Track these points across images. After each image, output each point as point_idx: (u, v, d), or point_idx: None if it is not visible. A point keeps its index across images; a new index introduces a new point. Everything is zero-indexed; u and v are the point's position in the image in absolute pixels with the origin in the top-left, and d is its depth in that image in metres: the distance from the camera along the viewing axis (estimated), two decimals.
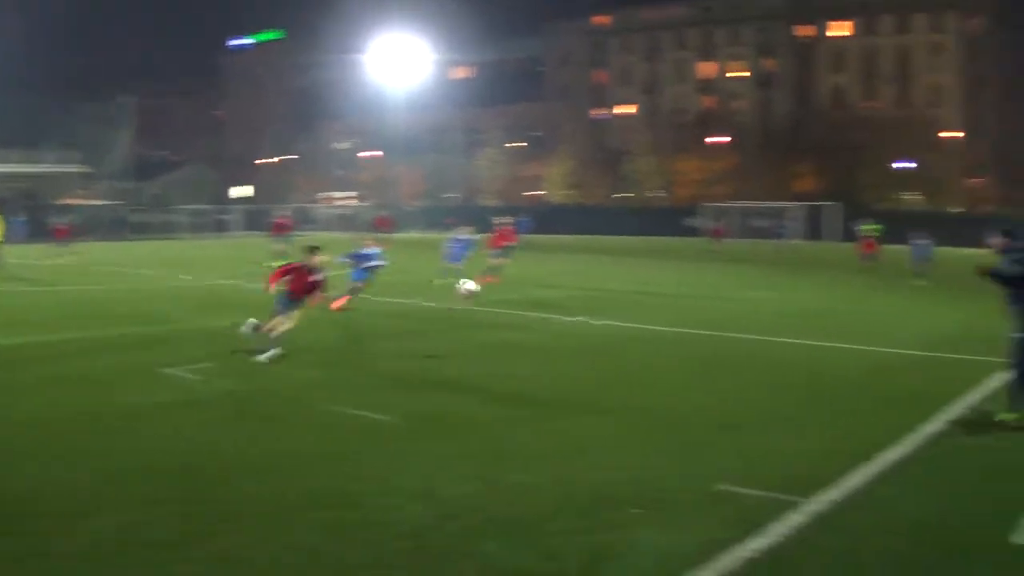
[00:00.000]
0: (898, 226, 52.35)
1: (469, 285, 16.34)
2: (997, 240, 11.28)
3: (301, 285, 14.52)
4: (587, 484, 7.96)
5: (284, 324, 14.17)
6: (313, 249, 15.30)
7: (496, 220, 33.74)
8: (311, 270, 14.73)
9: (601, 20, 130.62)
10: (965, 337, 18.51)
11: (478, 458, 8.74)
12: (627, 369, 14.30)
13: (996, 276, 11.05)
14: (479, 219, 74.03)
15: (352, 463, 8.64)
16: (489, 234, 31.80)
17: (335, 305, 19.86)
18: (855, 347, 16.83)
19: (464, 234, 28.56)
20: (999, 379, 13.54)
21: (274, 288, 14.52)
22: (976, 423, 10.75)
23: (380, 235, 36.45)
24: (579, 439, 9.59)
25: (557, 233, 69.78)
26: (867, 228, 42.27)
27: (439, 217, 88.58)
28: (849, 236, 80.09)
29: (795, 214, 77.90)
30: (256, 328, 14.16)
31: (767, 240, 60.46)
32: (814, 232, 79.03)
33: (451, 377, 13.03)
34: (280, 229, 37.50)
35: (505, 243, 30.49)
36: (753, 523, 6.98)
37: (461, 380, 12.88)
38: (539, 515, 7.16)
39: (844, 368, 14.60)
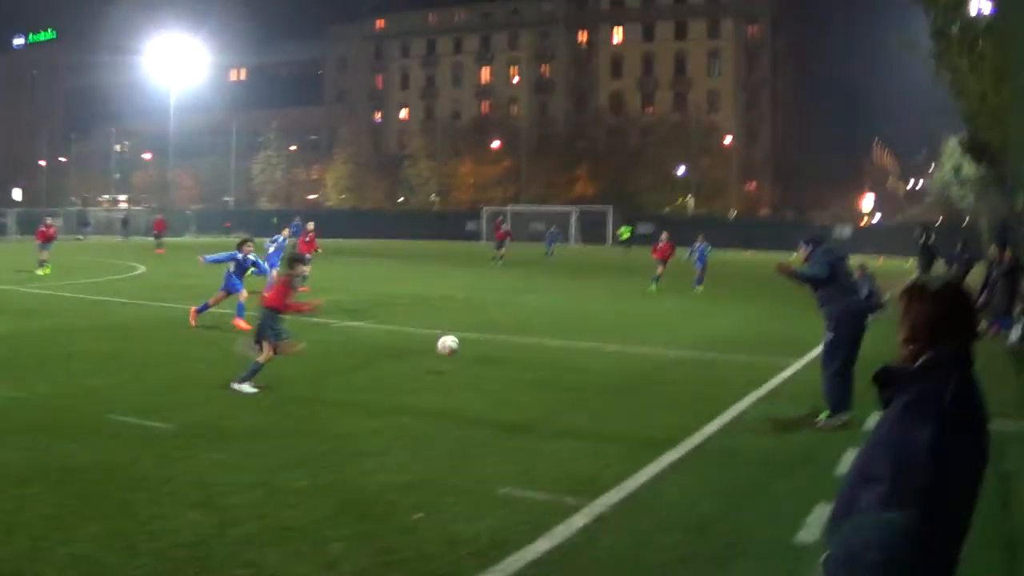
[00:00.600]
0: (677, 230, 54.58)
1: (449, 341, 15.60)
2: (803, 250, 11.85)
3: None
4: (369, 489, 7.87)
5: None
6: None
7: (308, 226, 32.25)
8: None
9: (380, 24, 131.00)
10: (742, 339, 19.32)
11: (258, 465, 8.50)
12: (403, 373, 14.19)
13: (795, 276, 11.56)
14: (259, 223, 72.78)
15: (129, 472, 8.25)
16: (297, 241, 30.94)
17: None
18: (634, 349, 17.23)
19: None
20: (778, 379, 14.34)
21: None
22: (758, 423, 11.15)
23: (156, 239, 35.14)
24: (358, 444, 9.42)
25: (335, 237, 69.17)
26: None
27: (216, 221, 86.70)
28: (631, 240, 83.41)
29: (570, 219, 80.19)
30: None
31: (545, 244, 61.61)
32: (591, 236, 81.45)
33: (227, 383, 12.58)
34: (43, 237, 35.41)
35: (312, 250, 29.80)
36: (537, 525, 7.03)
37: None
38: (321, 521, 7.04)
39: (623, 370, 14.88)
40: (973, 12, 30.58)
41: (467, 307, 24.48)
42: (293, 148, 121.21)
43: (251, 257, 19.61)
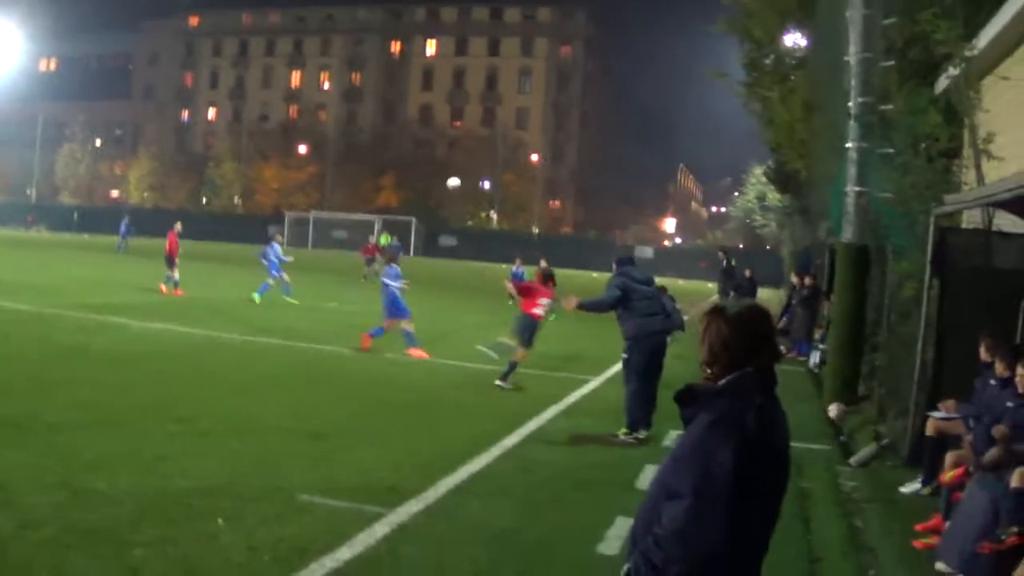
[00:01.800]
0: (481, 245, 55.23)
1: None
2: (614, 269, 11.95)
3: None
4: (171, 493, 7.60)
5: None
6: None
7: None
8: None
9: (194, 21, 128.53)
10: (543, 354, 19.46)
11: (57, 468, 8.06)
12: (203, 377, 13.69)
13: (584, 307, 11.92)
14: (61, 216, 69.57)
15: None
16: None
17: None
18: (436, 361, 17.23)
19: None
20: (578, 395, 14.47)
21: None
22: (558, 437, 11.25)
23: None
24: (160, 446, 9.09)
25: (139, 236, 67.01)
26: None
27: (18, 213, 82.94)
28: (429, 251, 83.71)
29: (373, 228, 79.82)
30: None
31: (347, 251, 61.12)
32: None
33: (27, 383, 11.84)
34: None
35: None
36: (338, 533, 6.95)
37: (38, 387, 11.73)
38: (124, 525, 6.78)
39: (423, 383, 14.79)
40: (789, 43, 31.72)
41: (264, 313, 23.86)
42: (98, 142, 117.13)
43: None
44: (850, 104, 14.42)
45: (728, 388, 3.28)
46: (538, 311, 15.32)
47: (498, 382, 14.27)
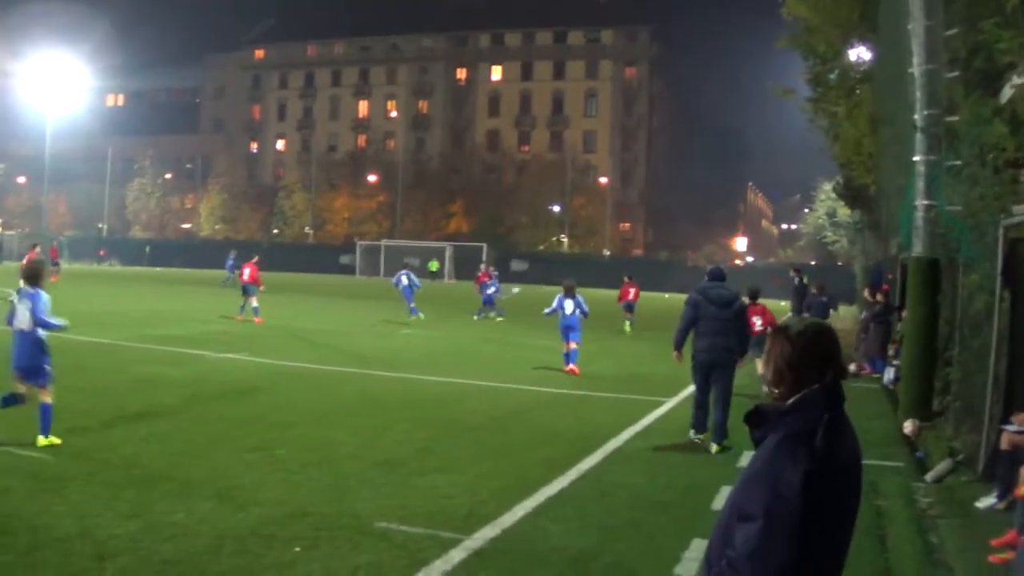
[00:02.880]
0: (552, 269, 55.45)
1: None
2: None
3: None
4: (246, 523, 7.75)
5: None
6: None
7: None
8: None
9: (259, 54, 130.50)
10: (616, 377, 19.54)
11: (134, 496, 8.30)
12: (277, 405, 13.95)
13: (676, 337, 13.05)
14: (133, 250, 70.53)
15: (1, 503, 7.96)
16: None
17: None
18: (507, 385, 17.32)
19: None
20: (653, 416, 14.48)
21: None
22: (634, 459, 11.28)
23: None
24: (233, 475, 9.30)
25: (208, 267, 68.00)
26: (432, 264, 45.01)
27: (89, 247, 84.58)
28: (500, 277, 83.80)
29: (444, 255, 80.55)
30: None
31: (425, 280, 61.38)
32: (463, 272, 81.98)
33: (102, 416, 12.17)
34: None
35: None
36: (415, 560, 7.04)
37: (114, 416, 12.09)
38: (199, 555, 6.91)
39: (497, 406, 14.91)
40: (853, 58, 31.53)
41: (340, 341, 24.16)
42: (168, 176, 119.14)
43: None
44: (915, 116, 14.32)
45: (795, 407, 3.29)
46: None
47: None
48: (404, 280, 32.48)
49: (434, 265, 58.84)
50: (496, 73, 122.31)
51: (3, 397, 10.45)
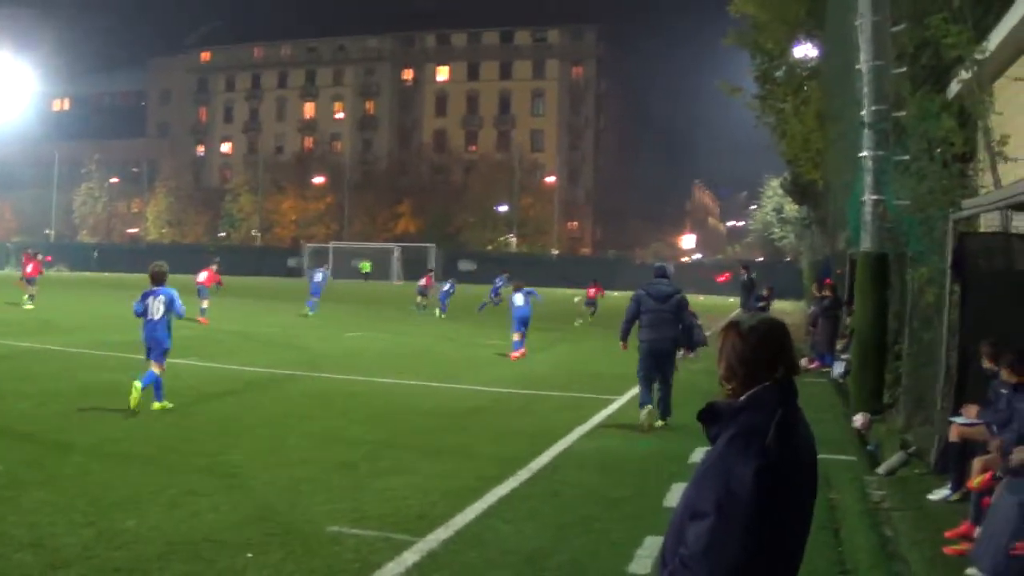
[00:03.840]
0: (499, 268, 55.43)
1: None
2: None
3: None
4: (199, 529, 7.63)
5: None
6: None
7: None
8: None
9: (205, 56, 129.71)
10: (562, 376, 19.51)
11: (85, 506, 8.13)
12: (229, 410, 13.79)
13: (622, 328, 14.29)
14: (81, 255, 69.88)
15: None
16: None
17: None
18: (457, 386, 17.27)
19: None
20: (602, 415, 14.46)
21: None
22: (584, 458, 11.22)
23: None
24: (189, 481, 9.14)
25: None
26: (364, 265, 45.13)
27: (39, 252, 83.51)
28: (449, 277, 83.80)
29: (391, 256, 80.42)
30: None
31: (367, 281, 61.28)
32: (414, 273, 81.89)
33: (52, 423, 12.03)
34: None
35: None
36: (368, 563, 6.96)
37: (63, 426, 11.88)
38: (151, 562, 6.81)
39: (449, 406, 14.84)
40: (799, 55, 31.70)
41: (290, 344, 23.96)
42: (115, 180, 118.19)
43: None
44: (863, 112, 14.40)
45: (748, 403, 3.25)
46: None
47: None
48: (318, 276, 35.41)
49: (366, 266, 58.63)
50: (443, 73, 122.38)
51: (151, 380, 13.28)
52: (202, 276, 31.61)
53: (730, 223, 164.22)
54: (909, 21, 14.47)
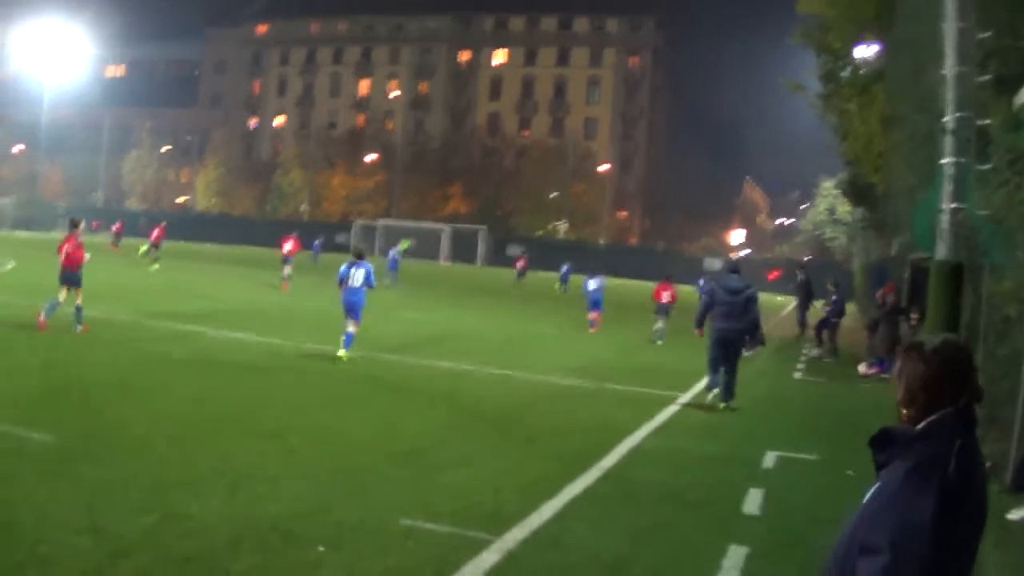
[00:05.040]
0: (548, 255, 55.36)
1: None
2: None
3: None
4: (264, 517, 7.38)
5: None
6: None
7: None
8: None
9: (261, 29, 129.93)
10: (625, 367, 19.31)
11: (146, 485, 7.92)
12: (284, 388, 13.67)
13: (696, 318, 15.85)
14: (129, 222, 70.46)
15: (3, 489, 7.55)
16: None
17: None
18: (518, 374, 17.00)
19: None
20: (668, 412, 14.24)
21: None
22: (655, 457, 11.00)
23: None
24: (247, 465, 8.91)
25: (204, 241, 67.56)
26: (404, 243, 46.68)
27: (85, 217, 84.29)
28: (497, 261, 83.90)
29: (441, 236, 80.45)
30: None
31: (420, 261, 61.20)
32: (462, 254, 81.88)
33: (106, 392, 11.92)
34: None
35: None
36: (446, 562, 6.73)
37: (118, 395, 11.78)
38: (221, 553, 6.57)
39: (509, 396, 14.64)
40: (859, 55, 31.28)
41: (335, 321, 23.84)
42: (165, 149, 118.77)
43: None
44: (945, 119, 14.03)
45: (927, 431, 3.06)
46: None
47: None
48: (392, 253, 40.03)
49: (405, 244, 58.75)
50: (499, 57, 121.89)
51: (347, 338, 16.95)
52: (287, 246, 34.65)
53: (778, 221, 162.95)
54: (987, 27, 14.08)
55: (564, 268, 44.29)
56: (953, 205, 14.08)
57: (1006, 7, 14.41)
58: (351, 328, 16.94)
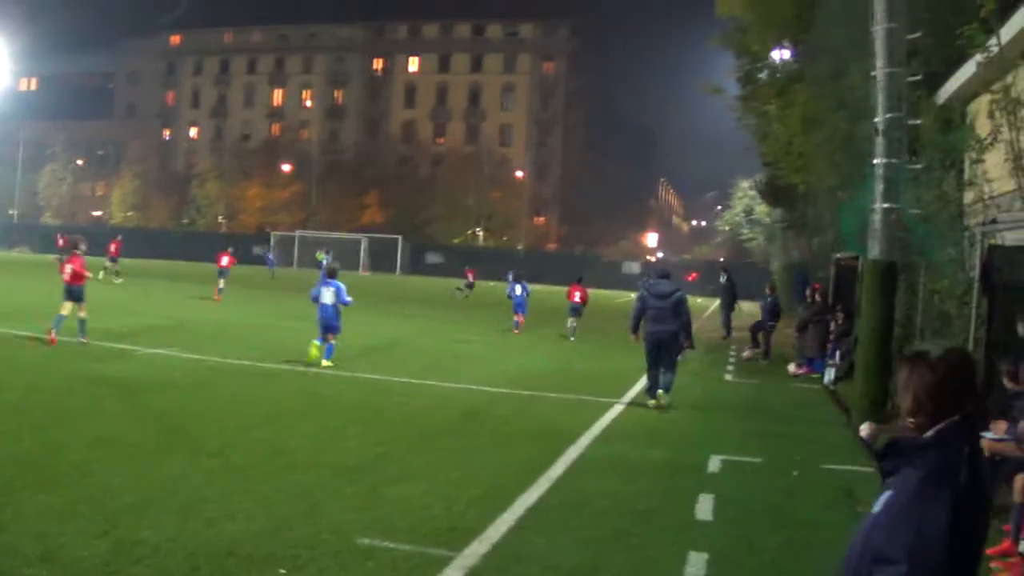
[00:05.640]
0: (467, 262, 55.26)
1: None
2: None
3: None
4: (219, 540, 7.13)
5: None
6: None
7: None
8: None
9: (175, 40, 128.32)
10: (557, 374, 19.22)
11: (94, 511, 7.61)
12: (221, 405, 13.30)
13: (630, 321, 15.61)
14: (44, 237, 69.03)
15: None
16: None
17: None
18: (451, 384, 16.83)
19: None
20: (607, 419, 14.17)
21: None
22: (601, 465, 10.90)
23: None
24: (193, 486, 8.63)
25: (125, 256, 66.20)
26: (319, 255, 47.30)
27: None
28: (415, 269, 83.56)
29: (360, 246, 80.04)
30: None
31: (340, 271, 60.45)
32: (381, 264, 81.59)
33: (40, 415, 11.47)
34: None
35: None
36: None
37: (53, 419, 11.33)
38: None
39: (447, 407, 14.41)
40: (777, 57, 31.61)
41: (266, 336, 23.44)
42: (80, 162, 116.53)
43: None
44: (877, 120, 14.15)
45: (937, 440, 3.07)
46: None
47: None
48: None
49: (320, 256, 58.52)
50: (413, 64, 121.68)
51: (328, 349, 18.12)
52: (224, 260, 36.57)
53: (693, 222, 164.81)
54: (916, 27, 14.21)
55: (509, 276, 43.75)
56: (885, 205, 14.23)
57: (927, 7, 14.57)
58: (331, 340, 18.26)
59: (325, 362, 17.76)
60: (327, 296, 18.44)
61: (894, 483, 3.11)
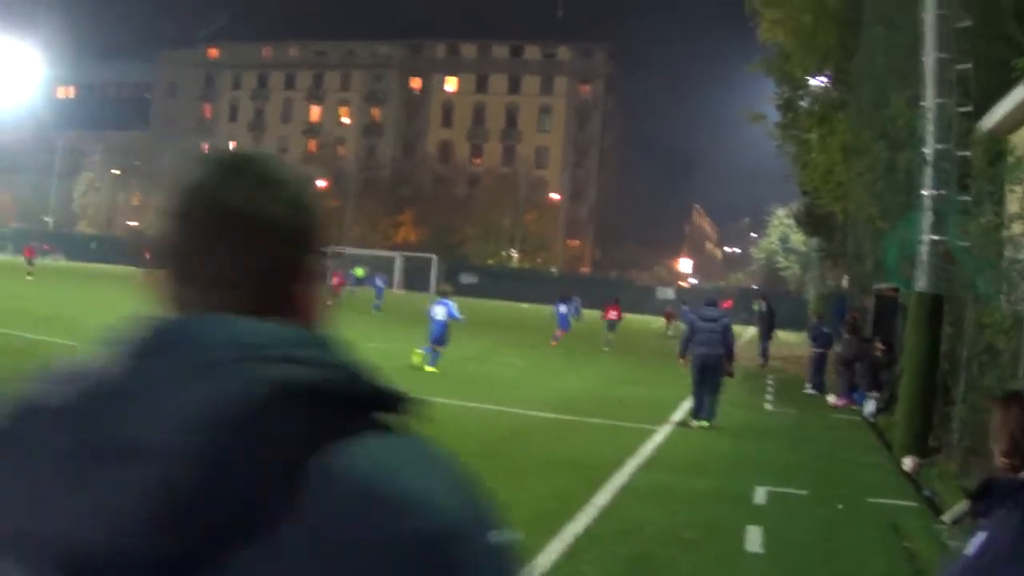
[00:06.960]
0: (501, 283, 55.20)
1: None
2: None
3: None
4: None
5: None
6: None
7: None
8: None
9: (214, 53, 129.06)
10: (599, 400, 19.14)
11: None
12: None
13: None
14: (79, 245, 69.38)
15: None
16: None
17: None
18: (492, 407, 16.81)
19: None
20: (651, 446, 14.10)
21: None
22: (646, 494, 10.86)
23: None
24: None
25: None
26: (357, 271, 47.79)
27: (34, 240, 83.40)
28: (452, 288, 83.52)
29: (394, 264, 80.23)
30: None
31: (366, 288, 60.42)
32: (413, 282, 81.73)
33: None
34: None
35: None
36: None
37: None
38: None
39: (488, 430, 14.40)
40: (814, 84, 31.50)
41: None
42: (116, 171, 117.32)
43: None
44: (925, 150, 14.07)
45: None
46: None
47: None
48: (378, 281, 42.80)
49: (359, 272, 58.24)
50: (451, 84, 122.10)
51: (433, 356, 21.03)
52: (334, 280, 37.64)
53: (727, 249, 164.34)
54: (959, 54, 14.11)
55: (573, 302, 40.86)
56: (933, 236, 14.13)
57: (981, 35, 14.50)
58: (439, 349, 21.31)
59: (429, 368, 20.74)
60: (439, 312, 21.21)
61: (988, 525, 3.05)
